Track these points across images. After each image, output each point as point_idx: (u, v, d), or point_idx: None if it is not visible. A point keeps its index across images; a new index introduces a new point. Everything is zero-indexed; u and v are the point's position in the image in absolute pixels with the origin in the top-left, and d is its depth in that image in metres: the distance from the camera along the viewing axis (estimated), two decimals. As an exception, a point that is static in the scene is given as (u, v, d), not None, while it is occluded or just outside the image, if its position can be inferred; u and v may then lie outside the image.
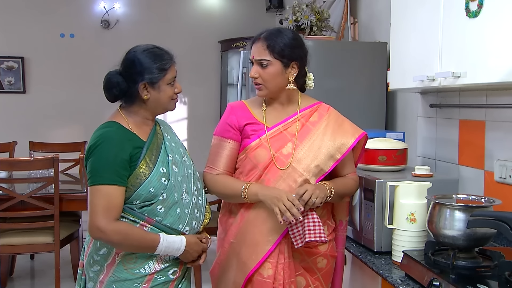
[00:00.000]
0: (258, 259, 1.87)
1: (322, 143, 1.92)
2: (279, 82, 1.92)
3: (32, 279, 4.38)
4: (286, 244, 1.89)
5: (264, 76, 1.91)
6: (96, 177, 1.73)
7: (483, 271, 1.64)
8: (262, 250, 1.88)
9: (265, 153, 1.92)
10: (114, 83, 1.80)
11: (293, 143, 1.92)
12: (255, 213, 1.91)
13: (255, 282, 1.89)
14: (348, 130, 1.97)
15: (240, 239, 1.93)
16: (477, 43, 1.78)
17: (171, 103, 1.88)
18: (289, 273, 1.89)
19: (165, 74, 1.82)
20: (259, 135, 1.95)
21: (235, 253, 1.94)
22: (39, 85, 5.72)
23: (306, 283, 1.95)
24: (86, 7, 5.78)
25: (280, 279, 1.87)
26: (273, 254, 1.88)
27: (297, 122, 1.96)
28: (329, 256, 1.98)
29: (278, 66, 1.90)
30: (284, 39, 1.90)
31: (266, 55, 1.89)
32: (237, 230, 1.94)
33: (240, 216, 1.95)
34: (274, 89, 1.93)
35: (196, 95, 6.01)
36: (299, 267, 1.94)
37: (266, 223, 1.89)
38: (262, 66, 1.90)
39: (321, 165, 1.90)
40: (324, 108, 2.02)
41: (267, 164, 1.91)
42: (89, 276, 1.85)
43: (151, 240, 1.76)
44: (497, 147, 2.10)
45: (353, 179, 2.03)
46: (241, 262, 1.91)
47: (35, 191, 3.52)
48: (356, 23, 3.75)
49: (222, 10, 6.08)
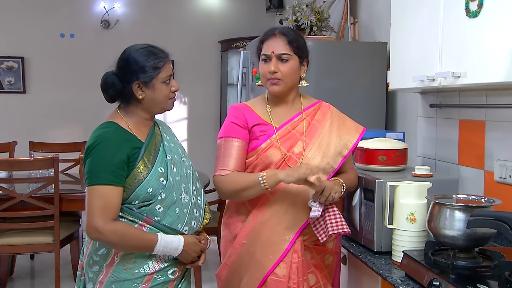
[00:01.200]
0: (276, 258, 1.88)
1: (330, 141, 1.96)
2: (295, 77, 1.96)
3: (32, 279, 4.38)
4: (300, 242, 1.91)
5: (284, 70, 1.92)
6: (93, 178, 1.73)
7: (483, 271, 1.64)
8: (279, 250, 1.88)
9: (277, 153, 1.92)
10: (109, 84, 1.80)
11: (303, 142, 1.94)
12: (269, 214, 1.91)
13: (270, 282, 1.88)
14: (351, 127, 2.03)
15: (253, 240, 1.92)
16: (477, 43, 1.78)
17: (168, 103, 1.86)
18: (303, 271, 1.90)
19: (159, 72, 1.80)
20: (269, 136, 1.95)
21: (249, 254, 1.92)
22: (39, 85, 5.72)
23: (316, 280, 1.95)
24: (86, 7, 5.77)
25: (294, 278, 1.88)
26: (288, 253, 1.89)
27: (304, 121, 1.98)
28: (334, 253, 2.02)
29: (297, 61, 1.94)
30: (299, 36, 1.97)
31: (288, 50, 1.91)
32: (249, 230, 1.93)
33: (253, 217, 1.94)
34: (290, 85, 1.96)
35: (196, 95, 6.01)
36: (310, 264, 1.95)
37: (281, 223, 1.90)
38: (282, 61, 1.91)
39: (331, 162, 1.94)
40: (325, 106, 2.05)
41: (279, 164, 1.92)
42: (89, 276, 1.85)
43: (149, 240, 1.75)
44: (497, 147, 2.10)
45: (354, 174, 2.11)
46: (256, 263, 1.90)
47: (35, 191, 3.53)
48: (356, 23, 3.74)
49: (222, 10, 6.07)
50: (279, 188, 1.89)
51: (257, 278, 1.89)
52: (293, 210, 1.90)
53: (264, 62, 1.95)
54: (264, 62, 1.95)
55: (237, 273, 1.97)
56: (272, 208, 1.91)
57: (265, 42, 1.95)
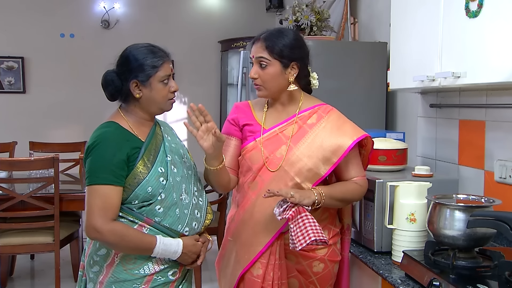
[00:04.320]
0: (250, 259, 1.90)
1: (317, 146, 1.88)
2: (278, 83, 1.91)
3: (32, 279, 4.38)
4: (279, 246, 1.90)
5: (263, 76, 1.90)
6: (92, 177, 1.73)
7: (483, 271, 1.64)
8: (254, 251, 1.90)
9: (258, 155, 1.92)
10: (109, 81, 1.81)
11: (287, 146, 1.91)
12: (249, 214, 1.92)
13: (246, 280, 1.92)
14: (347, 132, 1.90)
15: (236, 238, 1.97)
16: (477, 43, 1.78)
17: (167, 104, 1.85)
18: (280, 274, 1.90)
19: (157, 71, 1.79)
20: (255, 137, 1.96)
21: (232, 251, 1.98)
22: (39, 85, 5.72)
23: (299, 285, 1.95)
24: (86, 7, 5.78)
25: (270, 279, 1.89)
26: (265, 254, 1.89)
27: (294, 125, 1.94)
28: (327, 261, 1.95)
29: (277, 66, 1.88)
30: (283, 40, 1.89)
31: (265, 55, 1.88)
32: (234, 228, 1.98)
33: (237, 216, 1.97)
34: (273, 90, 1.92)
35: (196, 95, 6.00)
36: (293, 269, 1.94)
37: (259, 225, 1.90)
38: (261, 67, 1.89)
39: (314, 169, 1.86)
40: (324, 110, 1.97)
41: (260, 166, 1.92)
42: (89, 277, 1.85)
43: (148, 242, 1.75)
44: (497, 147, 2.10)
45: (357, 183, 1.94)
46: (236, 260, 1.95)
47: (35, 191, 3.52)
48: (356, 23, 3.74)
49: (222, 10, 6.07)
50: (259, 190, 1.89)
51: (235, 275, 1.94)
52: (270, 214, 1.85)
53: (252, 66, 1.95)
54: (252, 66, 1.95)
55: (226, 267, 2.02)
56: (252, 208, 1.91)
57: (252, 46, 1.95)
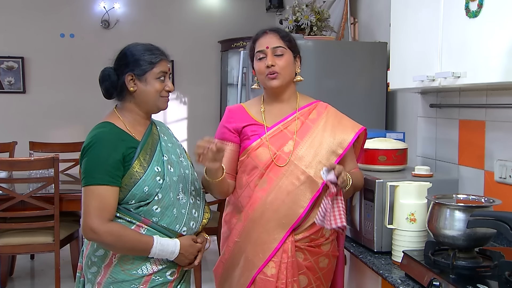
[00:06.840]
0: (265, 257, 1.89)
1: (323, 140, 1.94)
2: (291, 71, 1.98)
3: (32, 279, 4.38)
4: (291, 242, 1.90)
5: (280, 64, 1.94)
6: (88, 178, 1.73)
7: (483, 271, 1.64)
8: (268, 248, 1.89)
9: (266, 152, 1.93)
10: (105, 76, 1.83)
11: (294, 141, 1.93)
12: (260, 212, 1.91)
13: (258, 281, 1.90)
14: (348, 126, 2.00)
15: (244, 238, 1.94)
16: (477, 43, 1.78)
17: (161, 100, 1.86)
18: (292, 272, 1.89)
19: (153, 67, 1.81)
20: (260, 135, 1.96)
21: (241, 252, 1.94)
22: (39, 85, 5.72)
23: (308, 281, 1.95)
24: (86, 7, 5.77)
25: (283, 278, 1.88)
26: (278, 253, 1.89)
27: (297, 120, 1.97)
28: (330, 256, 1.99)
29: (291, 56, 1.98)
30: (289, 33, 2.03)
31: (282, 44, 1.96)
32: (241, 228, 1.95)
33: (244, 215, 1.95)
34: (287, 79, 1.97)
35: (196, 95, 6.00)
36: (302, 266, 1.94)
37: (271, 222, 1.89)
38: (277, 56, 1.94)
39: (323, 161, 1.92)
40: (322, 106, 2.04)
41: (268, 163, 1.92)
42: (87, 277, 1.85)
43: (145, 242, 1.75)
44: (497, 147, 2.10)
45: (360, 173, 2.07)
46: (247, 261, 1.92)
47: (35, 191, 3.52)
48: (356, 23, 3.74)
49: (222, 10, 6.07)
50: (269, 187, 1.90)
51: (248, 276, 1.91)
52: (283, 209, 1.89)
53: (260, 60, 1.96)
54: (260, 60, 1.96)
55: (231, 270, 1.98)
56: (262, 206, 1.91)
57: (258, 41, 1.98)
